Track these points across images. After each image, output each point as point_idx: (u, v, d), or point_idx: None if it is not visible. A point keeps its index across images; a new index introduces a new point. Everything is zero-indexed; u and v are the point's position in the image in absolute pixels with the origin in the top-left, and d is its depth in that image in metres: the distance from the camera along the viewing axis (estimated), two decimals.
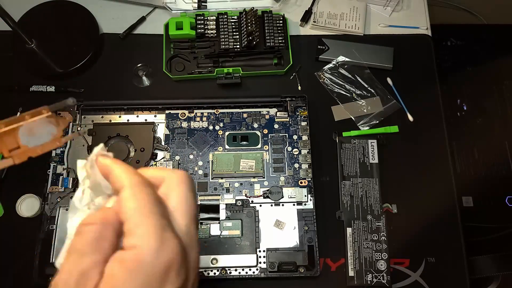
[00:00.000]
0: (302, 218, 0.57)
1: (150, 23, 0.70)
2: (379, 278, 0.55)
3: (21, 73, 0.66)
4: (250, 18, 0.64)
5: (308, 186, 0.58)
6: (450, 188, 0.61)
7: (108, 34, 0.69)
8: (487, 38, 0.89)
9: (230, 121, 0.62)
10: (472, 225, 0.69)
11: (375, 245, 0.56)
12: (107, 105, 0.61)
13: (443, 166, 0.62)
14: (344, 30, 0.69)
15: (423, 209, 0.60)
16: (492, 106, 0.80)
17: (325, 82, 0.66)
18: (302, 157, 0.60)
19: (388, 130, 0.63)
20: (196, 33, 0.65)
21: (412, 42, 0.70)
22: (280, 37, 0.65)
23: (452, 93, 0.80)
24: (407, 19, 0.71)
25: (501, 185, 0.74)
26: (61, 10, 0.69)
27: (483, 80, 0.82)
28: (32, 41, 0.65)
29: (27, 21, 0.67)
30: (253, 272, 0.55)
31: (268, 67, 0.66)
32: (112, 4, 0.71)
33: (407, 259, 0.58)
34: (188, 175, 0.26)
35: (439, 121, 0.65)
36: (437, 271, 0.57)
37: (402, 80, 0.66)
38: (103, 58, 0.68)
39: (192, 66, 0.65)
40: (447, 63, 0.84)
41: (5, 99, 0.65)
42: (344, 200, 0.59)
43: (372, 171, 0.60)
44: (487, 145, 0.77)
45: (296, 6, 0.71)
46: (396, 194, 0.60)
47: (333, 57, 0.67)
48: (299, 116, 0.62)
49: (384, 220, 0.57)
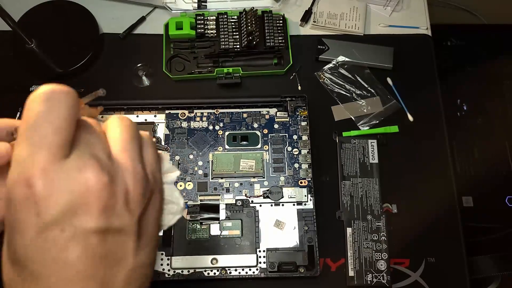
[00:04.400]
0: (302, 218, 0.57)
1: (150, 23, 0.70)
2: (379, 278, 0.55)
3: (21, 73, 0.66)
4: (250, 18, 0.64)
5: (308, 186, 0.58)
6: (450, 188, 0.61)
7: (108, 34, 0.69)
8: (487, 38, 0.88)
9: (230, 121, 0.62)
10: (472, 225, 0.69)
11: (375, 245, 0.56)
12: (107, 105, 0.61)
13: (443, 166, 0.62)
14: (344, 30, 0.69)
15: (423, 209, 0.60)
16: (492, 106, 0.80)
17: (325, 82, 0.66)
18: (302, 157, 0.60)
19: (388, 130, 0.63)
20: (196, 33, 0.65)
21: (412, 42, 0.70)
22: (280, 37, 0.65)
23: (452, 93, 0.80)
24: (407, 19, 0.71)
25: (501, 185, 0.74)
26: (61, 10, 0.69)
27: (483, 80, 0.82)
28: (32, 41, 0.65)
29: (27, 21, 0.67)
30: (253, 272, 0.55)
31: (268, 67, 0.66)
32: (112, 4, 0.71)
33: (407, 259, 0.57)
34: None
35: (439, 121, 0.65)
36: (437, 271, 0.57)
37: (402, 80, 0.66)
38: (103, 58, 0.68)
39: (192, 66, 0.65)
40: (447, 63, 0.84)
41: (4, 99, 0.65)
42: (344, 200, 0.59)
43: (372, 171, 0.60)
44: (487, 145, 0.77)
45: (296, 6, 0.71)
46: (396, 194, 0.60)
47: (333, 57, 0.67)
48: (299, 116, 0.62)
49: (384, 220, 0.57)
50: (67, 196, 0.19)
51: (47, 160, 0.19)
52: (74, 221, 0.19)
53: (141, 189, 0.22)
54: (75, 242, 0.19)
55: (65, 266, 0.19)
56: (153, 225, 0.23)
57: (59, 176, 0.19)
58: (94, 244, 0.20)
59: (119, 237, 0.21)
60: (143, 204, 0.22)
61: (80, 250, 0.19)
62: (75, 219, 0.19)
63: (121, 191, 0.21)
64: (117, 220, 0.20)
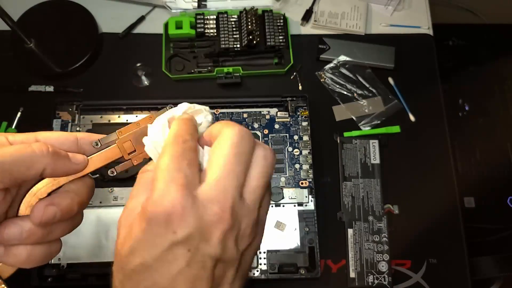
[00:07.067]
0: (303, 219, 0.57)
1: (149, 22, 0.70)
2: (380, 279, 0.55)
3: (20, 73, 0.66)
4: (250, 17, 0.64)
5: (309, 187, 0.58)
6: (452, 189, 0.61)
7: (107, 33, 0.69)
8: (489, 37, 0.88)
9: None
10: (474, 226, 0.68)
11: (376, 246, 0.56)
12: (106, 105, 0.61)
13: (444, 166, 0.62)
14: (345, 29, 0.69)
15: (425, 210, 0.59)
16: (494, 106, 0.79)
17: (326, 81, 0.66)
18: (303, 158, 0.59)
19: (389, 130, 0.63)
20: (196, 33, 0.65)
21: (414, 41, 0.69)
22: (281, 37, 0.65)
23: (454, 93, 0.80)
24: (408, 19, 0.71)
25: (503, 186, 0.74)
26: (60, 10, 0.69)
27: (485, 80, 0.82)
28: (31, 41, 0.64)
29: (26, 21, 0.67)
30: (253, 273, 0.54)
31: (268, 67, 0.66)
32: (111, 3, 0.71)
33: (409, 260, 0.57)
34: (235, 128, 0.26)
35: (440, 121, 0.64)
36: (439, 272, 0.57)
37: (403, 80, 0.66)
38: (102, 58, 0.68)
39: (192, 65, 0.65)
40: (449, 63, 0.84)
41: (4, 99, 0.64)
42: (345, 201, 0.58)
43: (373, 171, 0.59)
44: (489, 146, 0.76)
45: (297, 5, 0.71)
46: (397, 195, 0.59)
47: (334, 57, 0.66)
48: (300, 116, 0.62)
49: (385, 221, 0.57)
50: (198, 222, 0.22)
51: None
52: (198, 244, 0.22)
53: (252, 232, 0.25)
54: (195, 262, 0.22)
55: (179, 279, 0.22)
56: (249, 262, 0.26)
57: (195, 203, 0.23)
58: (208, 267, 0.23)
59: (225, 266, 0.24)
60: (248, 242, 0.25)
61: (197, 269, 0.22)
62: (200, 243, 0.22)
63: (237, 229, 0.23)
64: (228, 252, 0.23)
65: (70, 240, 0.55)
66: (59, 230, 0.26)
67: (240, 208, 0.23)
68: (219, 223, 0.22)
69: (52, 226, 0.25)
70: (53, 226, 0.25)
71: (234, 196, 0.23)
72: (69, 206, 0.25)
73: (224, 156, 0.24)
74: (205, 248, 0.22)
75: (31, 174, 0.24)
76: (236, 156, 0.24)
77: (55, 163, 0.25)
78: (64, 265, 0.54)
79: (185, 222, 0.22)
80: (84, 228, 0.56)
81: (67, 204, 0.25)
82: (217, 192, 0.23)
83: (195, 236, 0.22)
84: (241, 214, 0.23)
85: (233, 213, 0.23)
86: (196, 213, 0.22)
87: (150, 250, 0.22)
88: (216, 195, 0.23)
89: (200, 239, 0.22)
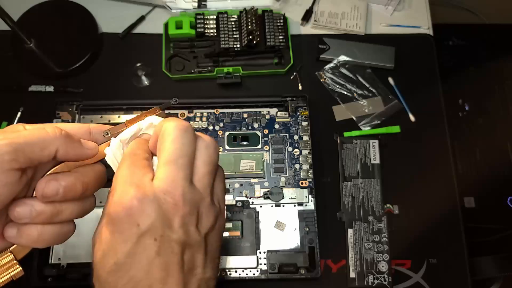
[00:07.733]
0: (303, 219, 0.57)
1: (149, 22, 0.70)
2: (380, 279, 0.55)
3: (20, 73, 0.66)
4: (250, 17, 0.64)
5: (309, 187, 0.58)
6: (452, 189, 0.61)
7: (107, 33, 0.69)
8: (489, 37, 0.88)
9: (230, 121, 0.61)
10: (474, 226, 0.68)
11: (377, 246, 0.56)
12: (106, 105, 0.61)
13: (444, 166, 0.62)
14: (345, 29, 0.69)
15: (425, 210, 0.59)
16: (494, 106, 0.79)
17: (326, 81, 0.66)
18: (303, 158, 0.59)
19: (389, 131, 0.63)
20: (196, 33, 0.65)
21: (414, 41, 0.69)
22: (281, 37, 0.65)
23: (454, 93, 0.80)
24: (408, 19, 0.71)
25: (503, 186, 0.74)
26: (60, 10, 0.69)
27: (485, 80, 0.82)
28: (31, 41, 0.64)
29: (26, 21, 0.66)
30: (253, 273, 0.54)
31: (268, 67, 0.66)
32: (111, 3, 0.71)
33: (409, 260, 0.57)
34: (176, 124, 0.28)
35: (440, 121, 0.64)
36: (439, 272, 0.57)
37: (403, 80, 0.66)
38: (102, 58, 0.68)
39: (192, 65, 0.65)
40: (449, 63, 0.84)
41: (3, 99, 0.64)
42: (345, 201, 0.58)
43: (373, 171, 0.59)
44: (489, 146, 0.76)
45: (296, 5, 0.71)
46: (397, 195, 0.59)
47: (334, 57, 0.66)
48: (300, 116, 0.62)
49: (385, 221, 0.57)
50: (157, 211, 0.24)
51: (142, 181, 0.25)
52: (163, 232, 0.24)
53: (210, 214, 0.27)
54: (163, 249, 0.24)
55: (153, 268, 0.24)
56: (215, 246, 0.28)
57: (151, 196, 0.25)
58: (177, 252, 0.24)
59: (193, 251, 0.26)
60: (209, 225, 0.27)
61: (167, 255, 0.24)
62: (164, 231, 0.24)
63: (195, 213, 0.26)
64: (191, 235, 0.25)
65: (70, 240, 0.54)
66: (68, 211, 0.27)
67: (192, 194, 0.25)
68: (176, 210, 0.25)
69: (60, 206, 0.26)
70: (62, 206, 0.27)
71: (183, 185, 0.25)
72: (71, 184, 0.26)
73: (167, 151, 0.26)
74: (170, 235, 0.24)
75: (45, 155, 0.25)
76: (177, 150, 0.26)
77: (67, 145, 0.26)
78: (64, 265, 0.54)
79: (146, 213, 0.24)
80: (84, 228, 0.55)
81: (70, 181, 0.26)
82: (167, 184, 0.25)
83: (158, 225, 0.24)
84: (195, 199, 0.26)
85: (185, 200, 0.25)
86: (154, 204, 0.24)
87: (120, 248, 0.24)
88: (167, 186, 0.25)
89: (163, 227, 0.24)
